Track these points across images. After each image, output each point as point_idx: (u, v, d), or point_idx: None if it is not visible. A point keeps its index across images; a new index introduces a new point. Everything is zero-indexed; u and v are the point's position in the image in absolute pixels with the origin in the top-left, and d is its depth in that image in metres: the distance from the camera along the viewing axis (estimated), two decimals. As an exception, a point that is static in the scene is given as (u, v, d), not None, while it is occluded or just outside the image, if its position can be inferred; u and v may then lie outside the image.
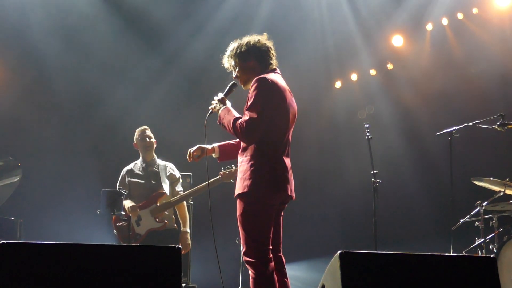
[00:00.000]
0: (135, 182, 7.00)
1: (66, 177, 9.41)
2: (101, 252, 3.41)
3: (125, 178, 7.06)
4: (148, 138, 7.05)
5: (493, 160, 8.66)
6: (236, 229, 4.46)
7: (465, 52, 9.44)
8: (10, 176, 7.94)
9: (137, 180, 7.00)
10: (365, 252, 3.66)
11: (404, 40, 9.91)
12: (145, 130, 7.07)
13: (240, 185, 4.38)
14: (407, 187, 9.81)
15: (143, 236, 6.81)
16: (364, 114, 10.11)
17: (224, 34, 8.89)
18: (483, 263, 3.72)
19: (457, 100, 9.28)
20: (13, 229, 7.60)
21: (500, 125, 6.55)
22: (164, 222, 6.83)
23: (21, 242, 3.44)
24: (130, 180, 7.02)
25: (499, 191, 6.66)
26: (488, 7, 9.16)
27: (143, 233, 6.82)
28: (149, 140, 7.05)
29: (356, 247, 4.79)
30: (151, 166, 7.06)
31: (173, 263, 3.39)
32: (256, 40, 4.62)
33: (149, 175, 7.01)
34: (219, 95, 4.68)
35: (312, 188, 9.79)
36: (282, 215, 4.60)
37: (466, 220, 6.90)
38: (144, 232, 6.82)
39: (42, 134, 9.45)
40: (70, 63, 9.55)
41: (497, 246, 6.54)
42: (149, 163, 7.07)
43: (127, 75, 9.85)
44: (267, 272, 4.29)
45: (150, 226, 6.83)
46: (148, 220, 6.83)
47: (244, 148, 4.45)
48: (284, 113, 4.47)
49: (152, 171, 7.04)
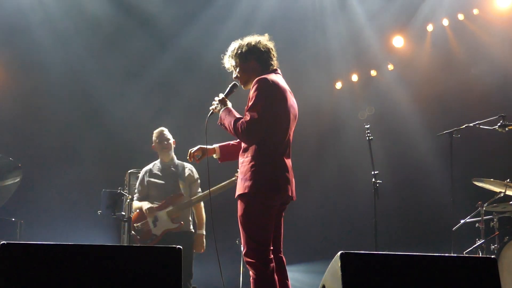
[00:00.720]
0: (154, 182, 7.01)
1: (66, 178, 9.41)
2: (101, 253, 3.40)
3: (144, 178, 7.08)
4: (166, 140, 7.05)
5: (493, 161, 8.66)
6: (237, 230, 4.45)
7: (465, 53, 9.44)
8: (11, 177, 7.94)
9: (156, 180, 7.02)
10: (366, 253, 3.65)
11: (405, 41, 9.91)
12: (163, 131, 7.07)
13: (241, 186, 4.38)
14: (407, 188, 9.81)
15: (159, 237, 6.84)
16: (365, 115, 10.12)
17: (226, 36, 8.91)
18: (484, 264, 3.71)
19: (457, 100, 9.28)
20: (14, 229, 7.60)
21: (501, 126, 6.55)
22: (180, 223, 6.84)
23: (21, 243, 3.43)
24: (149, 180, 7.03)
25: (500, 192, 6.65)
26: (488, 8, 9.16)
27: (159, 233, 6.84)
28: (167, 142, 7.05)
29: (356, 247, 4.78)
30: (170, 167, 7.07)
31: (173, 263, 3.39)
32: (257, 41, 4.62)
33: (167, 175, 7.03)
34: (220, 96, 4.69)
35: (312, 189, 9.78)
36: (283, 216, 4.60)
37: (467, 221, 6.89)
38: (160, 233, 6.85)
39: (42, 134, 9.45)
40: (70, 64, 9.59)
41: (498, 247, 6.53)
42: (168, 164, 7.08)
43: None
44: (268, 272, 4.29)
45: (166, 227, 6.84)
46: (164, 221, 6.85)
47: (245, 149, 4.45)
48: (285, 114, 4.47)
49: (171, 171, 7.05)
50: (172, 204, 6.87)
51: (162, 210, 6.86)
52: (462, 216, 6.94)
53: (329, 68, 10.33)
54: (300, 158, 7.58)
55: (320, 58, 10.16)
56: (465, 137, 6.95)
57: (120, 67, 9.83)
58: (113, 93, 9.81)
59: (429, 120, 9.60)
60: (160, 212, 6.86)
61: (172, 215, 6.84)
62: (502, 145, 8.49)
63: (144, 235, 6.86)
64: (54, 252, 3.33)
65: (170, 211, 6.85)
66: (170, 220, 6.83)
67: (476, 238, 6.79)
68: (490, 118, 6.68)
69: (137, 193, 7.09)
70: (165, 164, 7.07)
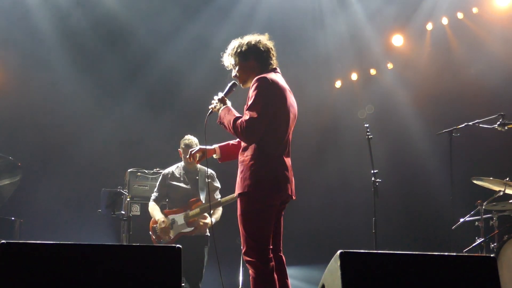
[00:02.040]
0: (175, 186, 7.15)
1: (66, 177, 9.41)
2: (101, 252, 3.40)
3: (166, 180, 7.20)
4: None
5: (493, 160, 8.66)
6: (237, 229, 4.45)
7: (465, 52, 9.44)
8: (10, 176, 7.94)
9: (177, 184, 7.16)
10: (365, 252, 3.66)
11: (404, 40, 9.92)
12: (192, 143, 7.09)
13: (241, 185, 4.38)
14: (407, 187, 9.81)
15: (173, 239, 6.98)
16: (364, 114, 10.12)
17: (225, 35, 8.92)
18: (483, 262, 3.72)
19: (457, 99, 9.28)
20: (13, 229, 7.60)
21: (500, 124, 6.55)
22: (194, 227, 6.98)
23: (21, 242, 3.43)
24: (170, 183, 7.17)
25: (499, 190, 6.65)
26: (488, 6, 9.15)
27: (174, 236, 6.99)
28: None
29: (356, 246, 4.78)
30: (192, 173, 7.21)
31: (173, 263, 3.39)
32: (257, 40, 4.62)
33: (189, 180, 7.18)
34: (219, 95, 4.68)
35: (312, 187, 9.78)
36: (282, 215, 4.60)
37: (466, 219, 6.89)
38: (174, 235, 7.00)
39: (42, 134, 9.44)
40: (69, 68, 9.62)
41: (497, 245, 6.53)
42: (190, 170, 7.22)
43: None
44: (267, 271, 4.29)
45: (181, 229, 6.99)
46: (180, 224, 7.00)
47: (245, 148, 4.45)
48: (285, 113, 4.47)
49: (192, 177, 7.20)
50: (190, 208, 7.02)
51: (180, 213, 7.01)
52: (462, 215, 6.94)
53: (329, 67, 10.33)
54: (299, 157, 7.58)
55: (320, 57, 10.15)
56: (464, 136, 6.94)
57: (119, 68, 9.85)
58: (114, 93, 9.84)
59: (428, 118, 9.60)
60: (177, 216, 7.02)
61: (189, 219, 6.97)
62: (501, 144, 8.49)
63: (159, 236, 7.02)
64: (54, 251, 3.33)
65: (187, 215, 6.99)
66: (186, 224, 6.99)
67: (475, 236, 6.79)
68: (490, 117, 6.68)
69: (156, 193, 7.23)
70: (188, 170, 7.22)
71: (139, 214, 7.62)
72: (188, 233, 6.97)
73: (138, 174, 7.90)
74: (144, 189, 7.78)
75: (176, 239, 6.96)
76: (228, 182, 6.60)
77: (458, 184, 6.83)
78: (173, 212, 7.06)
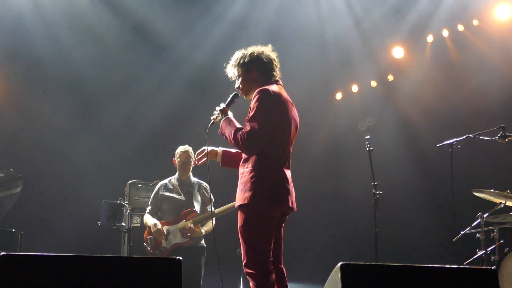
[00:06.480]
0: (168, 197, 7.12)
1: (66, 188, 9.42)
2: (102, 264, 3.40)
3: (159, 192, 7.17)
4: (189, 162, 7.12)
5: (493, 172, 8.65)
6: (237, 240, 4.45)
7: (465, 64, 9.46)
8: (11, 188, 7.95)
9: (170, 195, 7.13)
10: (366, 264, 3.65)
11: (405, 52, 9.94)
12: (188, 153, 7.11)
13: (241, 197, 4.38)
14: (408, 199, 9.80)
15: (168, 250, 6.97)
16: (365, 126, 10.13)
17: (224, 45, 8.96)
18: (484, 275, 3.71)
19: (457, 111, 9.28)
20: (14, 240, 7.60)
21: (501, 137, 6.55)
22: (190, 238, 6.96)
23: (22, 254, 3.43)
24: (163, 195, 7.14)
25: (500, 202, 6.65)
26: (488, 19, 9.18)
27: (169, 247, 6.97)
28: (189, 164, 7.12)
29: (357, 258, 4.77)
30: (185, 184, 7.19)
31: (173, 275, 3.39)
32: (260, 51, 4.63)
33: (182, 192, 7.16)
34: (221, 106, 4.68)
35: (312, 200, 9.77)
36: (283, 227, 4.59)
37: (467, 231, 6.88)
38: (170, 246, 6.97)
39: (42, 145, 9.45)
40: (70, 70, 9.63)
41: (498, 258, 6.52)
42: (184, 181, 7.20)
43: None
44: (268, 284, 4.28)
45: (176, 241, 6.97)
46: (175, 236, 6.98)
47: (245, 159, 4.45)
48: (286, 125, 4.47)
49: (186, 188, 7.17)
50: (184, 219, 7.00)
51: (174, 224, 6.99)
52: (462, 227, 6.93)
53: (329, 79, 10.34)
54: (300, 169, 7.58)
55: (320, 69, 10.17)
56: (465, 148, 6.94)
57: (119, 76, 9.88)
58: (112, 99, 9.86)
59: (429, 130, 9.60)
60: (172, 227, 6.99)
61: (184, 230, 6.96)
62: (502, 156, 8.49)
63: (155, 247, 6.99)
64: (54, 263, 3.32)
65: (182, 227, 6.96)
66: (181, 235, 6.96)
67: (476, 249, 6.78)
68: (491, 129, 6.68)
69: (150, 206, 7.20)
70: (181, 181, 7.19)
71: (139, 226, 7.61)
72: (183, 244, 6.95)
73: (139, 186, 7.90)
74: (144, 200, 7.76)
75: (171, 250, 6.93)
76: (222, 193, 6.64)
77: (459, 196, 6.82)
78: (168, 223, 7.01)
